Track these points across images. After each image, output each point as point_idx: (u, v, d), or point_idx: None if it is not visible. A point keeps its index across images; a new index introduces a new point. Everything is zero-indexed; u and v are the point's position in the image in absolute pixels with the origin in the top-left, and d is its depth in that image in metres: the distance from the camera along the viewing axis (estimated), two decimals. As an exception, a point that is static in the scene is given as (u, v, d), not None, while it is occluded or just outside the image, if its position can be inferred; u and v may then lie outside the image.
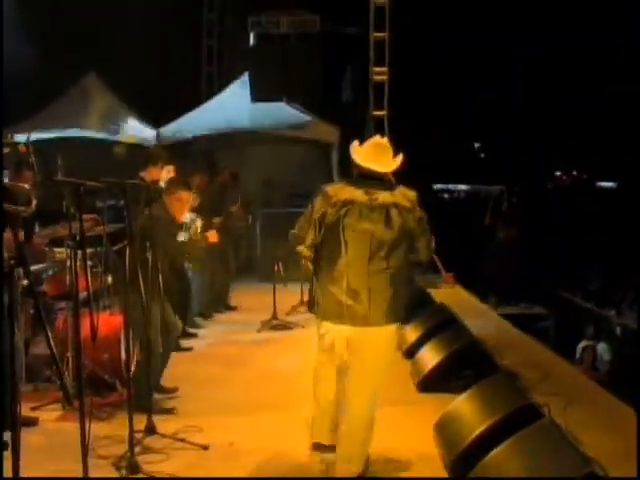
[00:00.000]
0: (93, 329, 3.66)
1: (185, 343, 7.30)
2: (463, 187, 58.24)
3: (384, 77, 12.63)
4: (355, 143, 4.46)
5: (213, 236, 6.30)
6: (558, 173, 77.30)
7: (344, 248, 4.19)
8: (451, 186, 57.80)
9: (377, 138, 4.58)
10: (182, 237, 6.06)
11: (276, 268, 9.03)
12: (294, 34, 13.00)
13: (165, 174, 6.66)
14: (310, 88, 12.99)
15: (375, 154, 4.38)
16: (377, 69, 12.67)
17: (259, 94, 12.32)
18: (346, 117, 13.53)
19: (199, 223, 6.65)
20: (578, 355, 10.40)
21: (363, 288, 4.14)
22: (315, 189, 4.46)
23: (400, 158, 4.45)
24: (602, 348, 10.75)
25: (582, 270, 16.87)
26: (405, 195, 4.29)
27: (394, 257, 4.19)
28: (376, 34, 12.69)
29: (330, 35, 13.67)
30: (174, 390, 5.75)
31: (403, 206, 4.23)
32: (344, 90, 15.21)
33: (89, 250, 5.24)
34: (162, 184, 6.15)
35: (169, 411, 5.36)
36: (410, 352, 6.69)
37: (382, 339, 4.22)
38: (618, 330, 11.90)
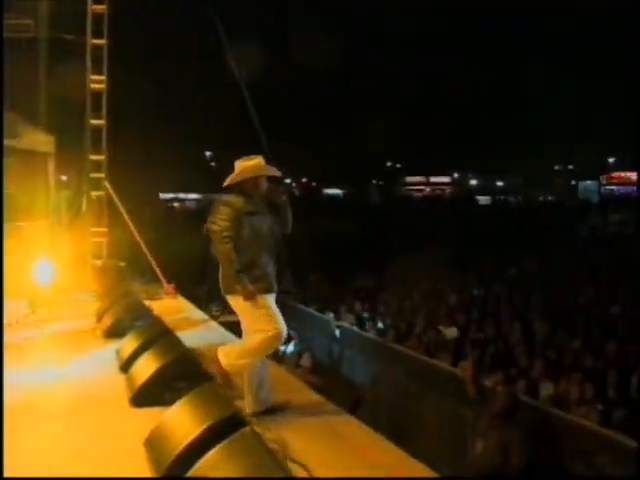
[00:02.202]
0: None
1: None
2: (194, 196, 58.54)
3: (102, 85, 12.39)
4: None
5: None
6: (288, 180, 79.90)
7: None
8: (182, 195, 57.88)
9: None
10: None
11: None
12: (8, 38, 12.38)
13: None
14: (26, 95, 12.43)
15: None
16: (94, 77, 12.40)
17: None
18: (65, 125, 13.12)
19: None
20: (296, 360, 10.73)
21: None
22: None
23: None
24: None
25: (301, 277, 17.49)
26: None
27: None
28: (94, 41, 12.43)
29: (49, 41, 13.15)
30: None
31: None
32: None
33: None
34: None
35: None
36: (126, 366, 6.60)
37: None
38: (337, 332, 12.41)
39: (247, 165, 5.74)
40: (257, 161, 5.75)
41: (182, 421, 4.53)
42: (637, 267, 14.30)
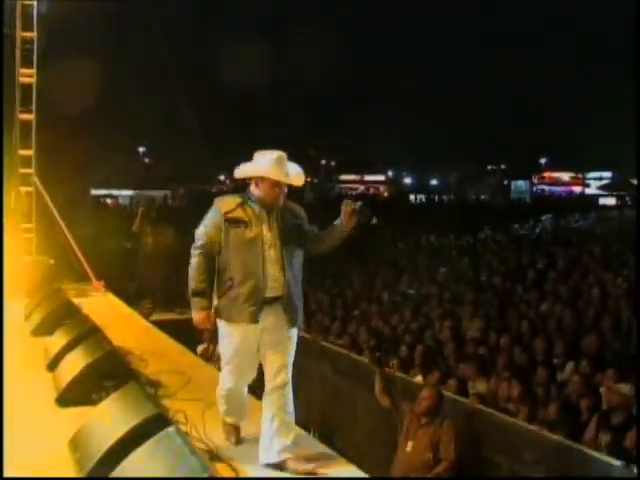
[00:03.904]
0: None
1: None
2: (128, 192, 57.81)
3: (32, 79, 12.13)
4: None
5: None
6: (222, 177, 79.53)
7: None
8: (115, 191, 57.11)
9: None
10: None
11: None
12: None
13: None
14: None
15: None
16: (24, 70, 12.13)
17: None
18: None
19: None
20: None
21: None
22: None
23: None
24: None
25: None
26: None
27: None
28: (23, 34, 12.16)
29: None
30: None
31: None
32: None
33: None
34: None
35: None
36: (52, 365, 6.48)
37: None
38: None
39: (258, 160, 4.85)
40: (269, 158, 4.79)
41: (107, 421, 4.48)
42: (569, 266, 14.58)
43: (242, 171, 4.88)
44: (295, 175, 4.89)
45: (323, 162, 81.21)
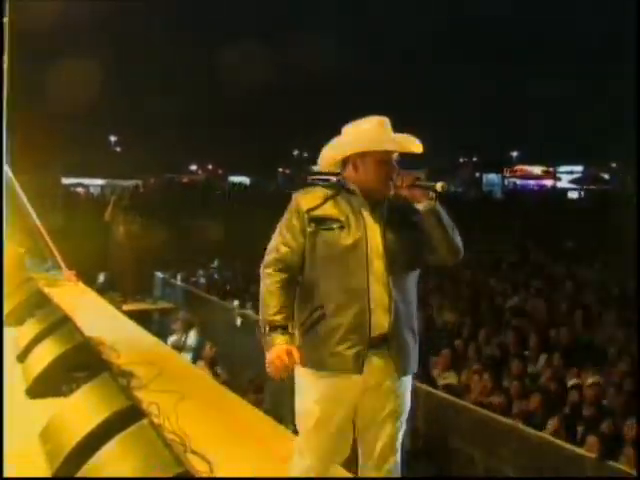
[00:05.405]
0: None
1: None
2: (99, 182, 57.45)
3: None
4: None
5: None
6: (194, 167, 79.50)
7: None
8: (86, 180, 56.72)
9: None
10: None
11: None
12: None
13: None
14: None
15: None
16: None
17: None
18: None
19: None
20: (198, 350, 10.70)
21: None
22: None
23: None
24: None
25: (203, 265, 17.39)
26: None
27: None
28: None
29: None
30: None
31: None
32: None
33: None
34: None
35: None
36: (22, 355, 6.39)
37: None
38: (239, 321, 12.37)
39: (350, 132, 3.48)
40: (367, 127, 3.43)
41: (79, 413, 4.42)
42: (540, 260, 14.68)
43: (330, 156, 3.51)
44: (407, 141, 3.46)
45: (295, 153, 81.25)
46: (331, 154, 3.50)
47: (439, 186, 3.22)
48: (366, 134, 3.39)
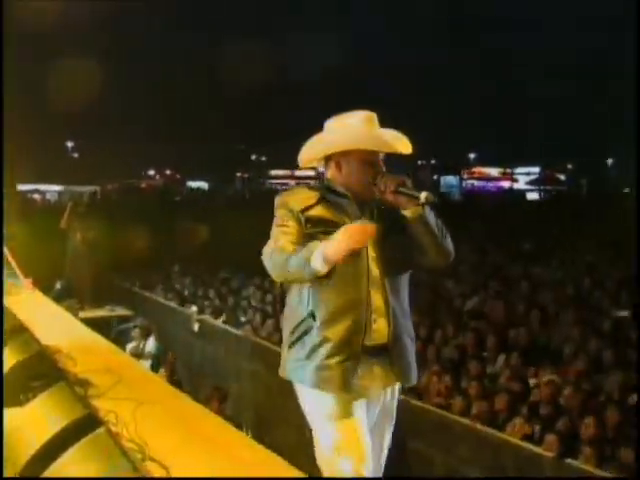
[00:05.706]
0: None
1: None
2: (56, 188, 56.87)
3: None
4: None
5: None
6: (152, 172, 79.02)
7: None
8: (43, 187, 56.12)
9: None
10: None
11: None
12: None
13: None
14: None
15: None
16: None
17: None
18: None
19: None
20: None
21: None
22: None
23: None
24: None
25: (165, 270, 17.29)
26: None
27: None
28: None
29: None
30: None
31: None
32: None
33: None
34: None
35: None
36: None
37: None
38: (196, 326, 12.34)
39: (334, 127, 3.25)
40: (352, 122, 3.21)
41: (35, 423, 4.38)
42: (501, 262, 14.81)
43: (312, 151, 3.31)
44: (395, 140, 3.35)
45: (253, 157, 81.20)
46: (311, 153, 3.32)
47: (423, 196, 3.07)
48: (351, 130, 3.20)
